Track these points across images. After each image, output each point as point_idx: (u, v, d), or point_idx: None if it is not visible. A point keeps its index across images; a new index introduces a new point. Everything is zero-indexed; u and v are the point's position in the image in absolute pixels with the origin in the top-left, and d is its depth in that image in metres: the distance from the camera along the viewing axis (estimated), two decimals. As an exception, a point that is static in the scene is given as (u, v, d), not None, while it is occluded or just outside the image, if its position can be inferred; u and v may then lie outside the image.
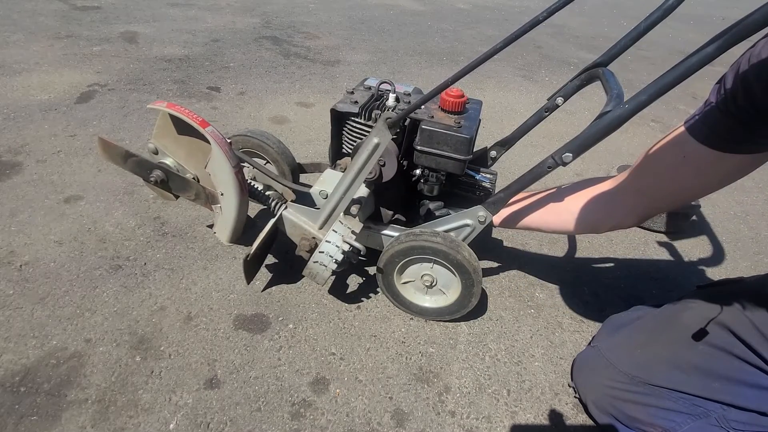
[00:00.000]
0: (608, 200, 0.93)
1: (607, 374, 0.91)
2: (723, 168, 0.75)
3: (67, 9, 2.96)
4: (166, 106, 0.90)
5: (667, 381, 0.84)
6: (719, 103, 0.69)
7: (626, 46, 0.95)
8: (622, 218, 0.92)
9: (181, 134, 0.96)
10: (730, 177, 0.77)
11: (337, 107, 1.07)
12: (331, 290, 1.17)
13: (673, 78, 0.65)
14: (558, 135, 2.14)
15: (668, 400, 0.83)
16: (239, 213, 0.98)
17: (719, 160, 0.73)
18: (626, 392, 0.87)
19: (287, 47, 2.84)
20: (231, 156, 0.92)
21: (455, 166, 0.98)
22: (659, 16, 0.87)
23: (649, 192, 0.86)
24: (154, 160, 0.99)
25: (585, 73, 1.01)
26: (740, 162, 0.72)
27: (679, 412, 0.82)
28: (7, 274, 1.08)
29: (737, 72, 0.66)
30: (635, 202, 0.89)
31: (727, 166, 0.74)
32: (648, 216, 0.92)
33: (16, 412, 0.82)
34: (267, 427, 0.86)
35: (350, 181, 0.96)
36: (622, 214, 0.91)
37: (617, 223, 0.94)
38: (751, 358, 0.74)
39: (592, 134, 0.77)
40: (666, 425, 0.84)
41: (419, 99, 0.87)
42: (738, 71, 0.66)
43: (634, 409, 0.87)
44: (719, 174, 0.76)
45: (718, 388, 0.79)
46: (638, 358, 0.89)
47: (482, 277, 1.00)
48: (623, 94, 0.80)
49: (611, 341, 0.97)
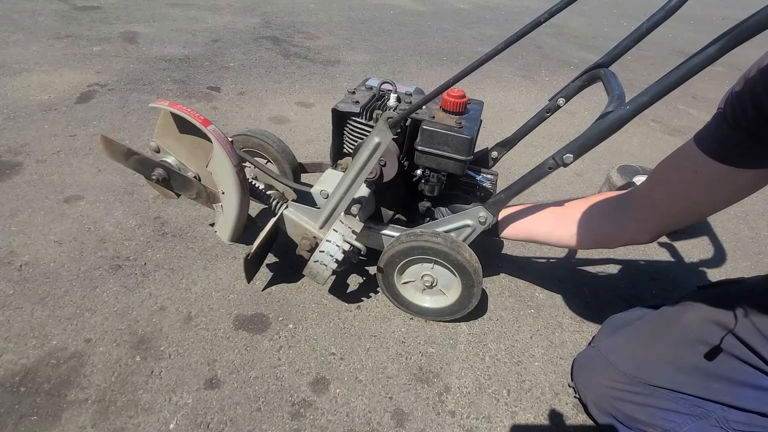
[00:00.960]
0: (620, 215, 0.91)
1: (607, 374, 0.91)
2: (737, 183, 0.71)
3: (67, 9, 2.96)
4: (167, 104, 0.90)
5: (667, 382, 0.83)
6: (728, 116, 0.67)
7: (628, 47, 0.94)
8: (634, 234, 0.89)
9: (183, 133, 0.96)
10: (746, 191, 0.74)
11: (338, 107, 1.07)
12: (331, 290, 1.17)
13: (675, 79, 0.64)
14: (558, 135, 2.14)
15: (668, 400, 0.83)
16: (240, 212, 0.98)
17: (732, 175, 0.70)
18: (626, 392, 0.87)
19: (287, 47, 2.84)
20: (232, 155, 0.93)
21: (456, 166, 0.98)
22: (661, 17, 0.86)
23: (661, 207, 0.84)
24: (156, 158, 0.99)
25: (586, 74, 1.01)
26: (754, 176, 0.69)
27: (679, 412, 0.82)
28: (7, 274, 1.08)
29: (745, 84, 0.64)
30: (648, 217, 0.86)
31: (742, 181, 0.71)
32: (662, 232, 0.88)
33: (16, 412, 0.82)
34: (267, 427, 0.86)
35: (351, 181, 0.96)
36: (634, 230, 0.89)
37: (630, 239, 0.91)
38: (751, 359, 0.74)
39: (593, 135, 0.77)
40: (666, 425, 0.84)
41: (420, 99, 0.87)
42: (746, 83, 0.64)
43: (634, 409, 0.86)
44: (734, 189, 0.74)
45: (719, 389, 0.79)
46: (638, 359, 0.89)
47: (482, 278, 1.00)
48: (624, 95, 0.80)
49: (611, 341, 0.97)
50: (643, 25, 0.89)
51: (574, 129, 2.18)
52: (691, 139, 0.76)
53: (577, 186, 1.79)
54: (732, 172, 0.70)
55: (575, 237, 0.96)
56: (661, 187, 0.84)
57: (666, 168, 0.82)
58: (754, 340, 0.73)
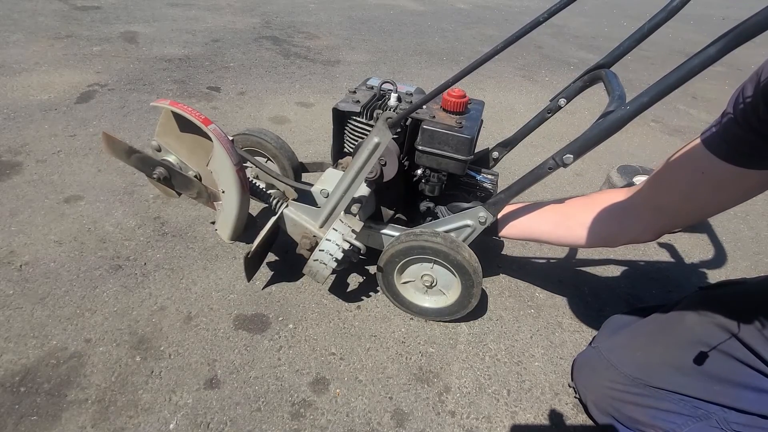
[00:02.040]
0: (624, 214, 0.90)
1: (608, 375, 0.91)
2: (745, 183, 0.71)
3: (67, 9, 2.96)
4: (168, 103, 0.91)
5: (668, 383, 0.83)
6: (738, 116, 0.66)
7: (630, 47, 0.94)
8: (638, 233, 0.89)
9: (184, 132, 0.96)
10: (753, 192, 0.73)
11: (338, 106, 1.07)
12: (331, 290, 1.17)
13: (675, 80, 0.64)
14: (558, 135, 2.14)
15: (669, 402, 0.83)
16: (240, 211, 0.99)
17: (740, 176, 0.69)
18: (627, 393, 0.87)
19: (287, 47, 2.84)
20: (233, 154, 0.93)
21: (456, 166, 0.98)
22: (663, 18, 0.85)
23: (666, 209, 0.84)
24: (157, 157, 1.00)
25: (588, 75, 1.00)
26: (761, 176, 0.69)
27: (680, 414, 0.82)
28: (7, 274, 1.08)
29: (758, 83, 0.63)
30: (652, 217, 0.86)
31: (750, 182, 0.70)
32: (665, 231, 0.88)
33: (16, 412, 0.82)
34: (267, 427, 0.86)
35: (351, 180, 0.96)
36: (638, 229, 0.88)
37: (633, 238, 0.91)
38: (752, 361, 0.74)
39: (594, 136, 0.77)
40: (667, 427, 0.83)
41: (420, 99, 0.87)
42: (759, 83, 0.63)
43: (635, 410, 0.86)
44: (741, 190, 0.73)
45: (719, 391, 0.79)
46: (639, 360, 0.88)
47: (482, 278, 1.00)
48: (625, 96, 0.79)
49: (612, 342, 0.96)
50: (645, 25, 0.89)
51: (574, 129, 2.18)
52: (697, 140, 0.76)
53: (577, 186, 1.79)
54: (740, 173, 0.69)
55: (577, 236, 0.95)
56: (667, 188, 0.83)
57: (671, 169, 0.82)
58: (755, 342, 0.73)
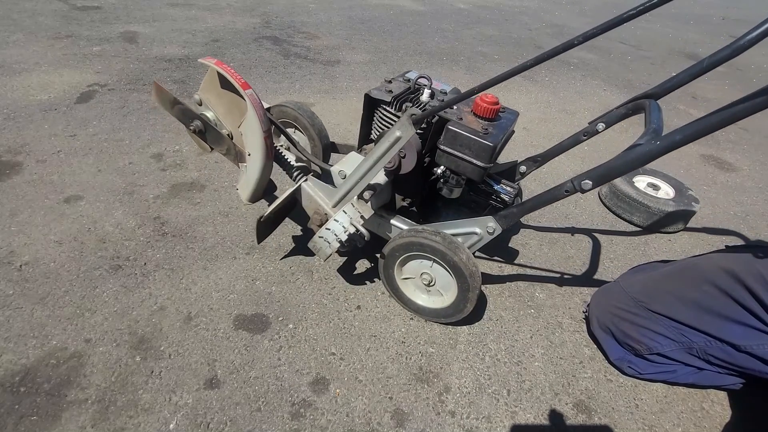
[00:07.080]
0: None
1: (617, 296, 1.04)
2: None
3: (67, 9, 2.96)
4: (215, 63, 0.98)
5: (666, 309, 0.95)
6: None
7: (683, 81, 0.91)
8: None
9: (224, 91, 1.04)
10: None
11: (371, 93, 1.08)
12: (331, 290, 1.17)
13: (716, 122, 0.63)
14: (558, 135, 2.14)
15: (660, 325, 0.97)
16: (262, 175, 1.05)
17: None
18: (627, 312, 1.01)
19: (287, 47, 2.84)
20: (264, 120, 0.98)
21: (474, 171, 0.97)
22: (727, 55, 0.79)
23: None
24: (198, 110, 1.08)
25: (632, 103, 0.98)
26: None
27: (666, 337, 0.96)
28: (7, 274, 1.08)
29: None
30: None
31: None
32: None
33: (16, 412, 0.82)
34: (267, 427, 0.86)
35: (368, 168, 0.97)
36: None
37: None
38: (747, 301, 0.85)
39: (617, 166, 0.76)
40: (651, 345, 0.97)
41: (449, 99, 0.87)
42: None
43: (630, 327, 0.99)
44: None
45: (708, 321, 0.91)
46: (648, 287, 1.01)
47: (481, 283, 1.00)
48: (662, 131, 0.77)
49: (632, 278, 1.09)
50: (705, 60, 0.85)
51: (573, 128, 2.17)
52: None
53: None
54: None
55: None
56: None
57: None
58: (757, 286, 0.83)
